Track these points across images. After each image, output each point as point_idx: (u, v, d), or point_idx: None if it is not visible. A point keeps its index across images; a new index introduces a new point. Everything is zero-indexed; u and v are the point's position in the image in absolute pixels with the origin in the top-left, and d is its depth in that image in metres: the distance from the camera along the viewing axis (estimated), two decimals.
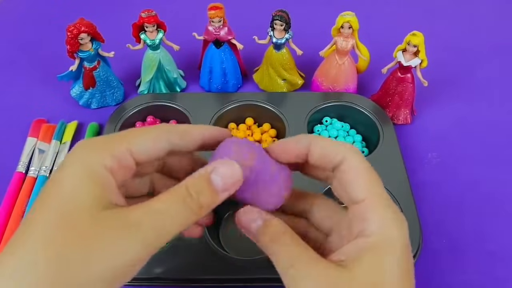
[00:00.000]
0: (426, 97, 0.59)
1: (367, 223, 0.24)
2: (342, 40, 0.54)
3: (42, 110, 0.58)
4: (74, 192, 0.22)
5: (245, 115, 0.56)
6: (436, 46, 0.55)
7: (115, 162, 0.23)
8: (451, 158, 0.53)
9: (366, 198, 0.24)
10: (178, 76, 0.60)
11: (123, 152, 0.24)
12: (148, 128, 0.25)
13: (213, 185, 0.24)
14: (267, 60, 0.58)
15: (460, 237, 0.46)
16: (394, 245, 0.23)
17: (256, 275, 0.40)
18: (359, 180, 0.25)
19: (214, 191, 0.24)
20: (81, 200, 0.21)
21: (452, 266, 0.44)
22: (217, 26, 0.54)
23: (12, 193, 0.48)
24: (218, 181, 0.24)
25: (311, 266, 0.23)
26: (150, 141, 0.25)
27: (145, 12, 0.53)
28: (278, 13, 0.52)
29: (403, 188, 0.46)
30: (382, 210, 0.24)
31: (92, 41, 0.53)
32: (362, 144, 0.54)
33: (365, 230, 0.24)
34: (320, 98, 0.56)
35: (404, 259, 0.23)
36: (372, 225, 0.23)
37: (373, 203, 0.24)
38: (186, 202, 0.23)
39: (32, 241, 0.20)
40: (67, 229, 0.21)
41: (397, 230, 0.23)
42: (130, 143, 0.24)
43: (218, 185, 0.24)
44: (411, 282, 0.23)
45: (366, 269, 0.22)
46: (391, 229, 0.23)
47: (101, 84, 0.56)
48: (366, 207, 0.24)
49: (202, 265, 0.40)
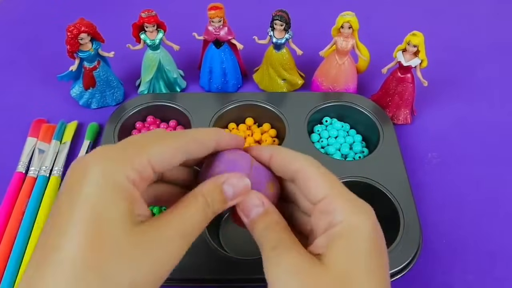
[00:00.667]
0: (426, 97, 0.59)
1: (332, 214, 0.25)
2: (342, 40, 0.54)
3: (42, 110, 0.58)
4: (105, 210, 0.21)
5: (245, 115, 0.56)
6: (436, 46, 0.55)
7: (137, 174, 0.23)
8: (451, 158, 0.53)
9: (327, 195, 0.26)
10: (178, 76, 0.60)
11: (145, 164, 0.24)
12: (167, 138, 0.25)
13: (225, 194, 0.26)
14: (267, 60, 0.58)
15: (460, 237, 0.46)
16: (362, 230, 0.24)
17: (256, 275, 0.40)
18: (317, 181, 0.26)
19: (224, 200, 0.26)
20: (113, 218, 0.21)
21: (452, 266, 0.44)
22: (217, 26, 0.54)
23: (12, 193, 0.48)
24: (230, 191, 0.26)
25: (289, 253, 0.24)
26: (170, 153, 0.25)
27: (145, 12, 0.53)
28: (278, 13, 0.53)
29: (403, 188, 0.46)
30: (345, 201, 0.25)
31: (92, 41, 0.53)
32: (362, 144, 0.54)
33: (331, 221, 0.25)
34: (320, 98, 0.56)
35: (373, 243, 0.24)
36: (337, 215, 0.25)
37: (335, 197, 0.25)
38: (205, 211, 0.25)
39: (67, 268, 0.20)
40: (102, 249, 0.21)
41: (363, 215, 0.25)
42: (150, 155, 0.24)
43: (229, 195, 0.26)
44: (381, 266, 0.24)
45: (336, 258, 0.23)
46: (357, 216, 0.24)
47: (101, 84, 0.56)
48: (329, 202, 0.25)
49: (202, 265, 0.40)
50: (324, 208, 0.25)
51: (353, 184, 0.47)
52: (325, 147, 0.53)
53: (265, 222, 0.26)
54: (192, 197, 0.25)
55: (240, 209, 0.27)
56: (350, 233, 0.24)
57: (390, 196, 0.45)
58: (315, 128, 0.55)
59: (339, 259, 0.23)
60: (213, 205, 0.25)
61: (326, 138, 0.54)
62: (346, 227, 0.24)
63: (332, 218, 0.25)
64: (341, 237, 0.24)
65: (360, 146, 0.53)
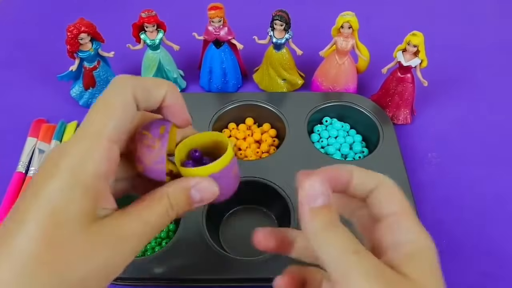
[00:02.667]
0: (426, 97, 0.59)
1: (404, 231, 0.25)
2: (342, 40, 0.54)
3: (42, 110, 0.58)
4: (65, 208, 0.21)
5: (245, 115, 0.56)
6: (436, 46, 0.55)
7: (103, 164, 0.22)
8: (451, 158, 0.53)
9: (399, 211, 0.25)
10: (178, 76, 0.60)
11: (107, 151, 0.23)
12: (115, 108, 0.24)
13: (191, 198, 0.26)
14: (267, 60, 0.58)
15: (460, 237, 0.46)
16: (434, 251, 0.24)
17: (256, 275, 0.40)
18: (393, 196, 0.26)
19: (190, 203, 0.26)
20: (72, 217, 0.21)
21: (452, 266, 0.44)
22: (217, 26, 0.54)
23: (12, 193, 0.48)
24: (197, 196, 0.26)
25: (371, 256, 0.22)
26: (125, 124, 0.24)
27: (145, 12, 0.53)
28: (278, 13, 0.53)
29: (403, 188, 0.44)
30: (415, 221, 0.25)
31: (92, 41, 0.53)
32: (362, 144, 0.54)
33: (401, 238, 0.24)
34: (320, 98, 0.56)
35: (439, 267, 0.24)
36: (410, 233, 0.25)
37: (407, 215, 0.25)
38: (167, 213, 0.25)
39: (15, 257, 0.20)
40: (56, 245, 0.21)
41: (430, 239, 0.25)
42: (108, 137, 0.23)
43: (196, 199, 0.26)
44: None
45: (415, 270, 0.23)
46: (426, 237, 0.25)
47: (101, 84, 0.56)
48: (400, 218, 0.25)
49: (202, 265, 0.40)
50: (392, 223, 0.25)
51: None
52: (325, 147, 0.53)
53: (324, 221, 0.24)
54: (157, 198, 0.25)
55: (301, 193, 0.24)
56: (425, 252, 0.24)
57: None
58: (315, 128, 0.55)
59: (418, 271, 0.23)
60: (178, 208, 0.25)
61: (326, 138, 0.54)
62: (421, 246, 0.24)
63: (404, 234, 0.25)
64: (420, 253, 0.24)
65: (360, 146, 0.53)
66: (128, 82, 0.24)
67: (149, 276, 0.40)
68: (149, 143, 0.25)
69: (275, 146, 0.53)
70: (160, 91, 0.25)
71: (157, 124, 0.26)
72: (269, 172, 0.47)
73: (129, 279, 0.40)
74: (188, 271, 0.40)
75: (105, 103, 0.23)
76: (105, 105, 0.23)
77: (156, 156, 0.25)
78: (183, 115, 0.26)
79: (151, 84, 0.25)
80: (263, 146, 0.53)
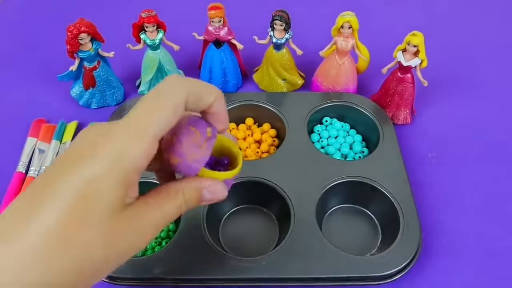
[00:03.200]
0: (426, 97, 0.59)
1: None
2: (342, 40, 0.54)
3: (42, 110, 0.58)
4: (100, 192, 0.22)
5: (245, 115, 0.56)
6: (436, 46, 0.55)
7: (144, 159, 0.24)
8: (451, 158, 0.53)
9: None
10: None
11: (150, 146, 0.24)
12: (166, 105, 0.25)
13: (202, 197, 0.28)
14: (267, 60, 0.58)
15: (460, 237, 0.46)
16: None
17: (256, 275, 0.40)
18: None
19: (199, 202, 0.28)
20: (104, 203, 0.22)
21: (452, 266, 0.44)
22: (217, 26, 0.54)
23: (12, 193, 0.48)
24: (207, 196, 0.28)
25: None
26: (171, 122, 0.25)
27: (145, 12, 0.53)
28: (278, 13, 0.53)
29: (403, 188, 0.46)
30: None
31: (92, 41, 0.53)
32: (362, 144, 0.54)
33: None
34: (320, 98, 0.56)
35: None
36: None
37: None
38: (181, 207, 0.27)
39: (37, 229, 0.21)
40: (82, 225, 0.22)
41: None
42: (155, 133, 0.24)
43: (206, 198, 0.28)
44: None
45: None
46: None
47: (101, 84, 0.56)
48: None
49: (202, 265, 0.40)
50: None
51: (353, 184, 0.47)
52: (325, 147, 0.53)
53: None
54: (174, 192, 0.27)
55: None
56: None
57: (390, 196, 0.45)
58: (315, 128, 0.55)
59: None
60: (188, 204, 0.27)
61: (326, 138, 0.54)
62: None
63: None
64: None
65: (360, 146, 0.53)
66: (183, 85, 0.25)
67: (149, 276, 0.40)
68: (198, 141, 0.26)
69: (275, 146, 0.53)
70: (210, 97, 0.27)
71: (203, 124, 0.27)
72: (269, 172, 0.47)
73: (129, 279, 0.40)
74: (188, 271, 0.40)
75: (158, 102, 0.25)
76: (158, 103, 0.25)
77: (200, 156, 0.26)
78: (226, 123, 0.29)
79: (203, 90, 0.26)
80: (263, 146, 0.53)
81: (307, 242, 0.42)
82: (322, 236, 0.42)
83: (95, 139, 0.23)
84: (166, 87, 0.25)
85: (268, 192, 0.46)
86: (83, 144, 0.23)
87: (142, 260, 0.41)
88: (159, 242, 0.45)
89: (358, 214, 0.48)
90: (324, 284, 0.41)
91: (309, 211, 0.44)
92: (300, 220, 0.43)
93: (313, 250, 0.41)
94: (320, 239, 0.42)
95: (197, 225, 0.43)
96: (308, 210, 0.44)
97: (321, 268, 0.40)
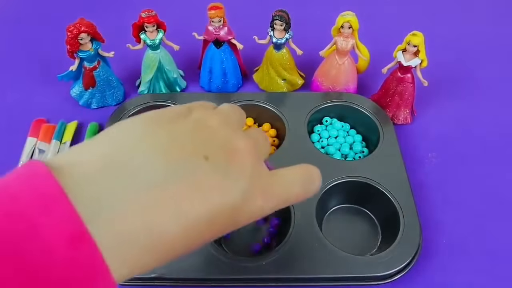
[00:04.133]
0: (426, 97, 0.59)
1: None
2: (342, 40, 0.54)
3: (42, 110, 0.58)
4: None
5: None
6: (436, 46, 0.55)
7: None
8: (451, 158, 0.53)
9: None
10: (178, 76, 0.60)
11: None
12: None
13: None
14: (267, 60, 0.58)
15: (460, 237, 0.46)
16: None
17: (257, 275, 0.40)
18: None
19: None
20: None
21: (452, 266, 0.44)
22: (217, 26, 0.54)
23: None
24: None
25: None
26: None
27: (145, 12, 0.53)
28: (278, 13, 0.52)
29: (403, 188, 0.46)
30: None
31: (92, 41, 0.53)
32: (362, 144, 0.54)
33: None
34: (320, 98, 0.56)
35: None
36: None
37: None
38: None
39: None
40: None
41: None
42: None
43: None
44: None
45: None
46: None
47: (101, 84, 0.56)
48: None
49: (202, 265, 0.40)
50: None
51: (353, 184, 0.47)
52: (325, 147, 0.53)
53: None
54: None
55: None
56: None
57: (390, 196, 0.45)
58: (315, 128, 0.55)
59: None
60: None
61: (326, 138, 0.54)
62: None
63: None
64: None
65: (360, 146, 0.53)
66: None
67: (149, 276, 0.40)
68: None
69: (275, 146, 0.53)
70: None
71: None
72: None
73: (129, 279, 0.40)
74: (188, 271, 0.40)
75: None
76: None
77: None
78: None
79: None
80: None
81: (307, 242, 0.42)
82: (322, 236, 0.42)
83: None
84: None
85: None
86: None
87: None
88: None
89: (358, 214, 0.48)
90: (324, 284, 0.41)
91: (309, 211, 0.44)
92: (300, 220, 0.43)
93: (313, 250, 0.41)
94: (320, 239, 0.42)
95: None
96: (308, 210, 0.44)
97: (321, 268, 0.40)
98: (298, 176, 0.27)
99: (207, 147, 0.23)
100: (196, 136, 0.23)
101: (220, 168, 0.22)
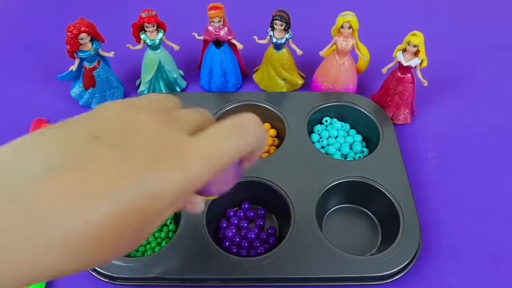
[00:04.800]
0: (426, 97, 0.59)
1: None
2: (342, 40, 0.54)
3: (42, 110, 0.58)
4: None
5: None
6: (436, 46, 0.55)
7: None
8: (451, 158, 0.53)
9: None
10: (178, 76, 0.60)
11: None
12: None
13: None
14: (267, 60, 0.58)
15: (460, 237, 0.46)
16: None
17: (257, 275, 0.40)
18: None
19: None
20: None
21: (452, 266, 0.44)
22: (217, 26, 0.54)
23: None
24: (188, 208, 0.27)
25: None
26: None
27: (145, 12, 0.53)
28: (278, 13, 0.52)
29: (403, 188, 0.46)
30: None
31: (92, 41, 0.53)
32: (362, 144, 0.54)
33: None
34: (320, 98, 0.56)
35: None
36: None
37: None
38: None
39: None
40: None
41: None
42: None
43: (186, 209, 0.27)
44: None
45: None
46: None
47: (101, 84, 0.56)
48: None
49: (202, 265, 0.40)
50: None
51: (353, 184, 0.47)
52: (325, 147, 0.53)
53: None
54: None
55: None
56: None
57: (390, 196, 0.45)
58: (315, 128, 0.55)
59: None
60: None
61: (326, 138, 0.54)
62: None
63: None
64: None
65: (360, 146, 0.53)
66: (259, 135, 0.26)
67: (149, 276, 0.40)
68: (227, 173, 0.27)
69: (275, 146, 0.53)
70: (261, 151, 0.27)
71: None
72: (269, 172, 0.47)
73: (129, 279, 0.40)
74: (188, 271, 0.40)
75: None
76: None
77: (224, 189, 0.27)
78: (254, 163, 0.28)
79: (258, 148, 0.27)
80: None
81: (307, 242, 0.42)
82: (322, 236, 0.42)
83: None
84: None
85: (268, 192, 0.46)
86: None
87: (142, 260, 0.41)
88: (159, 242, 0.45)
89: (358, 214, 0.48)
90: (324, 284, 0.41)
91: (309, 211, 0.44)
92: (300, 220, 0.43)
93: (313, 250, 0.41)
94: (320, 239, 0.42)
95: (197, 225, 0.43)
96: (308, 210, 0.44)
97: (321, 268, 0.40)
98: (226, 128, 0.25)
99: (99, 129, 0.21)
100: (88, 121, 0.23)
101: (115, 144, 0.20)
